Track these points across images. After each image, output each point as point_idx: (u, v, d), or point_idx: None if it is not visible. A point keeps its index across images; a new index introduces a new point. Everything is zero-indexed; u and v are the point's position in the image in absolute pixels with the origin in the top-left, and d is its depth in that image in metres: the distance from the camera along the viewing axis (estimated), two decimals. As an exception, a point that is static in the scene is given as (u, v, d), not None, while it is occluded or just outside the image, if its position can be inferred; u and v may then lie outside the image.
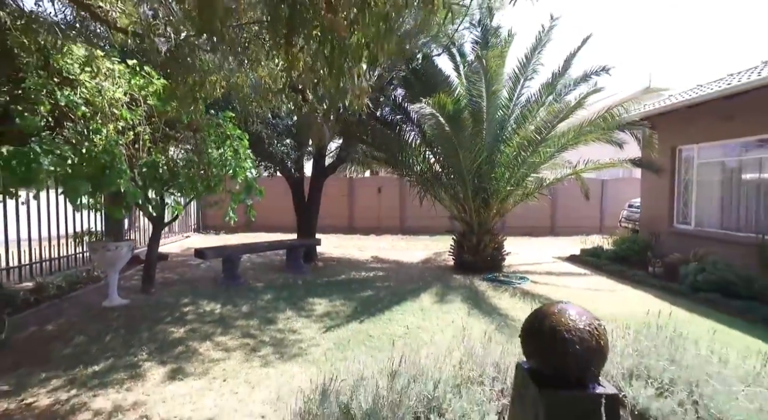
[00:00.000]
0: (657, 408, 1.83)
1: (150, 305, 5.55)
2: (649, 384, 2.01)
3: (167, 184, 4.22)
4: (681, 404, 1.86)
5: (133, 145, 3.85)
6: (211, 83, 3.45)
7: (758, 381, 1.92)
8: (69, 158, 2.94)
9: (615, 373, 2.14)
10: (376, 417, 1.89)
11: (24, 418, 2.89)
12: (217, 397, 3.25)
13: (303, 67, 2.05)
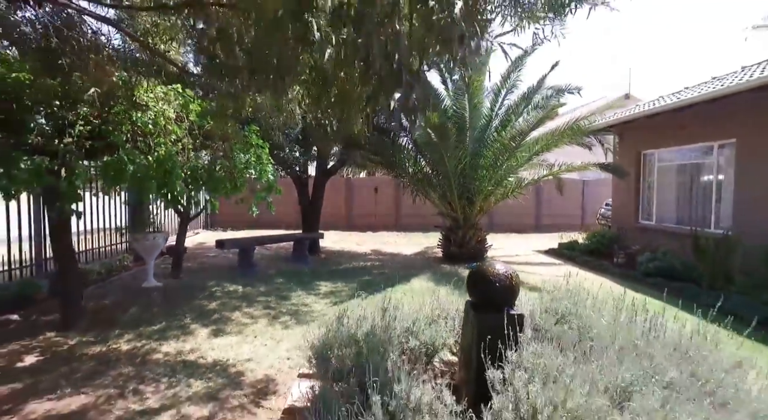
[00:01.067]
0: (555, 329, 2.85)
1: (182, 286, 6.57)
2: (552, 316, 3.04)
3: (204, 184, 5.22)
4: (570, 327, 2.89)
5: (179, 154, 4.85)
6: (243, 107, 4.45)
7: (620, 313, 2.94)
8: (144, 165, 3.94)
9: (537, 309, 3.18)
10: (373, 336, 2.91)
11: (115, 357, 3.91)
12: (251, 347, 4.27)
13: (323, 109, 3.02)
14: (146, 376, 3.56)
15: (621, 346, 2.38)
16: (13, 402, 3.10)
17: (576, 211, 15.90)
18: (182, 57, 5.31)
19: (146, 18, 4.00)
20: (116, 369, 3.67)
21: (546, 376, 2.07)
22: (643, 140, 9.96)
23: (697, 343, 2.42)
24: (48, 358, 3.90)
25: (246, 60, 2.44)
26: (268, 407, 3.15)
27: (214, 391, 3.35)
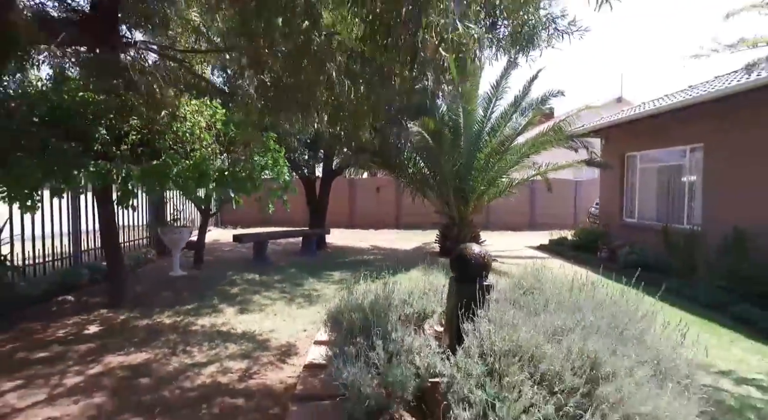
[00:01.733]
0: (522, 299, 3.61)
1: (205, 275, 7.35)
2: (519, 289, 3.80)
3: (229, 184, 5.97)
4: (533, 297, 3.65)
5: (210, 158, 5.61)
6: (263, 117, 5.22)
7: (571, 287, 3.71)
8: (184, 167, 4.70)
9: (508, 284, 3.95)
10: (376, 305, 3.65)
11: (161, 328, 4.69)
12: (273, 322, 5.04)
13: (338, 126, 3.76)
14: (190, 341, 4.34)
15: (560, 305, 3.14)
16: (93, 356, 3.88)
17: (569, 210, 16.63)
18: (211, 75, 6.09)
19: (186, 45, 4.79)
20: (164, 336, 4.45)
21: (503, 323, 2.84)
22: (626, 143, 10.70)
23: (619, 303, 3.18)
24: (107, 328, 4.68)
25: (286, 98, 3.17)
26: (291, 364, 3.92)
27: (246, 352, 4.13)
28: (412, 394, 2.85)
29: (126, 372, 3.62)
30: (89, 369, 3.66)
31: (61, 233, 7.09)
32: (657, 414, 2.34)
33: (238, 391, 3.37)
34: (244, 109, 4.08)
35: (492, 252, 10.39)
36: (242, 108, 4.20)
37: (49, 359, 3.83)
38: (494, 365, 2.57)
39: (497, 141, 8.67)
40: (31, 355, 3.92)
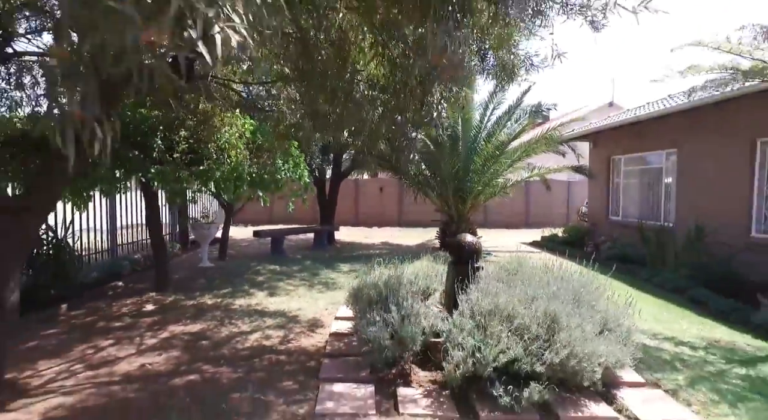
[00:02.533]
0: (504, 277, 4.50)
1: (230, 266, 8.25)
2: (504, 271, 4.69)
3: (257, 185, 6.85)
4: (513, 276, 4.54)
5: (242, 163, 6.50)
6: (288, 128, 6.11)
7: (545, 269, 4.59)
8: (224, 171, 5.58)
9: (495, 268, 4.84)
10: (389, 283, 4.52)
11: (205, 307, 5.58)
12: (298, 302, 5.93)
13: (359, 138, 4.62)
14: (232, 316, 5.23)
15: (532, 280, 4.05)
16: (158, 326, 4.78)
17: (562, 210, 17.52)
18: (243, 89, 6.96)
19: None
20: (210, 312, 5.35)
21: (488, 292, 3.73)
22: (612, 147, 11.60)
23: (581, 280, 4.08)
24: (160, 306, 5.58)
25: (325, 123, 4.04)
26: (319, 333, 4.81)
27: (281, 324, 5.02)
28: (419, 348, 3.73)
29: (188, 337, 4.51)
30: (159, 334, 4.55)
31: (101, 229, 7.99)
32: (595, 352, 3.25)
33: (279, 350, 4.27)
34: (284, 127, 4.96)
35: (488, 247, 11.30)
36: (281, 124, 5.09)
37: (125, 327, 4.73)
38: (480, 321, 3.48)
39: (492, 146, 9.55)
40: (109, 324, 4.82)
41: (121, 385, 3.43)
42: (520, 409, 3.07)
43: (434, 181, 10.63)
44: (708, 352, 4.28)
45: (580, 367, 3.22)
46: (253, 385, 3.46)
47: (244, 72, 5.31)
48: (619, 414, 3.16)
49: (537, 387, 3.08)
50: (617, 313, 3.88)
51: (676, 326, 5.10)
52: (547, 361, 3.18)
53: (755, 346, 4.50)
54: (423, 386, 3.54)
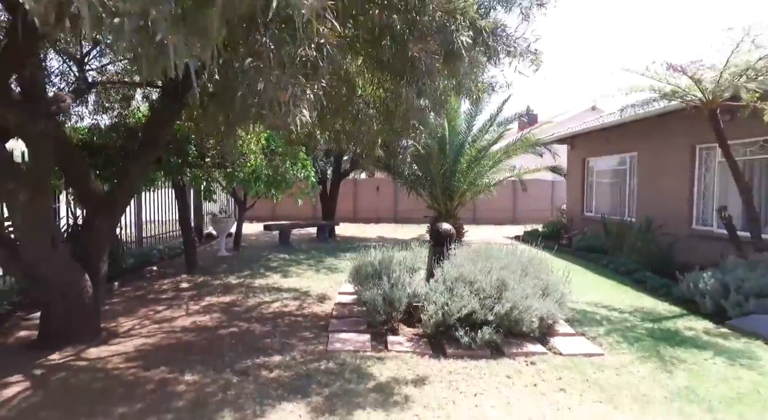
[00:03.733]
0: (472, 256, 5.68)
1: (245, 255, 9.42)
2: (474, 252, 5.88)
3: (270, 185, 8.00)
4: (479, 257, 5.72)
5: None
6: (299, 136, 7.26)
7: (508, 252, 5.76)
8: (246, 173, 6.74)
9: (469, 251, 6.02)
10: (382, 262, 5.68)
11: (230, 286, 6.75)
12: (308, 282, 7.10)
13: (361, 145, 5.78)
14: (255, 291, 6.41)
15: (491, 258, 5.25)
16: (196, 298, 5.96)
17: (546, 207, 18.73)
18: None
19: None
20: (236, 289, 6.52)
21: (456, 265, 4.92)
22: (586, 149, 12.82)
23: (528, 257, 5.28)
24: (193, 285, 6.75)
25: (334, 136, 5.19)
26: (326, 303, 5.98)
27: (295, 297, 6.20)
28: (405, 308, 4.91)
29: (223, 305, 5.69)
30: (199, 303, 5.73)
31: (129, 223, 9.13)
32: (532, 307, 4.44)
33: (297, 314, 5.44)
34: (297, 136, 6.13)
35: (474, 240, 12.42)
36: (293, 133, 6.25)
37: (171, 298, 5.90)
38: (449, 285, 4.67)
39: (475, 150, 10.74)
40: (158, 296, 6.00)
41: (181, 333, 4.60)
42: (476, 347, 4.25)
43: (425, 181, 11.81)
44: (630, 315, 5.49)
45: (521, 318, 4.41)
46: (279, 334, 4.64)
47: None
48: (548, 351, 4.35)
49: (488, 330, 4.28)
50: (556, 281, 5.09)
51: (615, 298, 6.31)
52: (496, 312, 4.38)
53: (668, 310, 5.71)
54: (407, 336, 4.73)
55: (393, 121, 4.51)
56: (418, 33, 2.58)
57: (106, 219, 4.35)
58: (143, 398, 3.23)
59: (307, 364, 3.88)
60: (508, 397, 3.40)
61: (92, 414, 3.00)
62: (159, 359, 3.90)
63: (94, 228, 4.31)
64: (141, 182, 5.21)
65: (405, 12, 2.57)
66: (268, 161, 7.99)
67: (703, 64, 5.55)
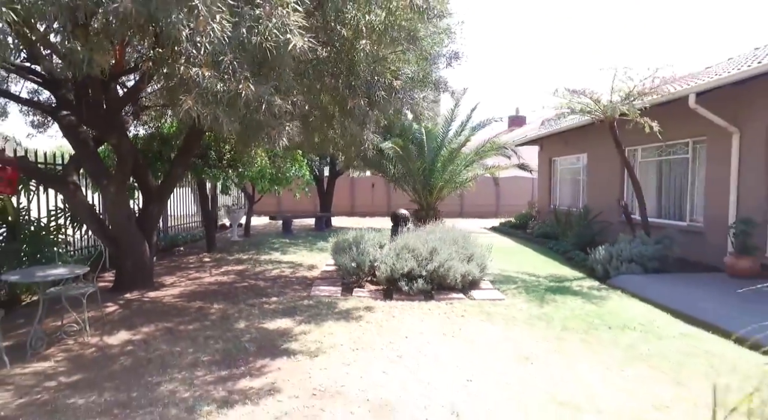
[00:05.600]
0: (423, 235, 7.50)
1: (253, 240, 11.35)
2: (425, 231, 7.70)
3: (272, 181, 9.89)
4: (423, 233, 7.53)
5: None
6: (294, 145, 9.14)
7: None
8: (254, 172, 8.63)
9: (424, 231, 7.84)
10: (355, 239, 7.49)
11: (242, 260, 8.67)
12: (301, 258, 8.98)
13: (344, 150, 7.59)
14: (260, 263, 8.31)
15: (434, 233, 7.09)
16: (216, 267, 7.89)
17: (525, 202, 20.42)
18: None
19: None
20: (246, 262, 8.43)
21: (404, 239, 6.78)
22: (552, 150, 14.55)
23: (464, 235, 7.11)
24: (213, 259, 8.68)
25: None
26: (314, 271, 7.86)
27: (291, 267, 8.09)
28: (368, 270, 6.76)
29: (236, 271, 7.61)
30: (219, 269, 7.66)
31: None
32: (455, 267, 6.28)
33: (291, 277, 7.33)
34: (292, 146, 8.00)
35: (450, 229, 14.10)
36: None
37: (197, 267, 7.83)
38: (397, 252, 6.52)
39: (448, 151, 12.56)
40: (188, 266, 7.94)
41: (208, 285, 6.52)
42: (413, 294, 6.10)
43: (408, 178, 13.65)
44: (543, 278, 7.30)
45: (446, 274, 6.24)
46: (276, 287, 6.54)
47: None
48: (465, 297, 6.17)
49: (422, 282, 6.12)
50: (481, 253, 6.91)
51: (540, 268, 8.11)
52: (428, 269, 6.22)
53: (574, 275, 7.51)
54: (369, 289, 6.59)
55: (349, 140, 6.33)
56: (352, 91, 4.38)
57: (156, 205, 6.27)
58: (189, 315, 5.14)
59: (295, 302, 5.77)
60: (423, 318, 5.24)
61: (162, 321, 4.92)
62: (196, 297, 5.83)
63: (148, 211, 6.23)
64: (180, 179, 7.13)
65: (346, 76, 4.39)
66: (271, 162, 9.91)
67: (593, 90, 7.33)
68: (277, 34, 3.05)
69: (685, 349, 4.21)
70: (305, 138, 6.45)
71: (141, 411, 3.05)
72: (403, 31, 4.46)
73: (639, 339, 4.50)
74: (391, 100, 4.64)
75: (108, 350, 4.14)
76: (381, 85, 4.54)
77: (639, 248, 7.01)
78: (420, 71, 5.91)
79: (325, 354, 4.11)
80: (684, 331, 4.75)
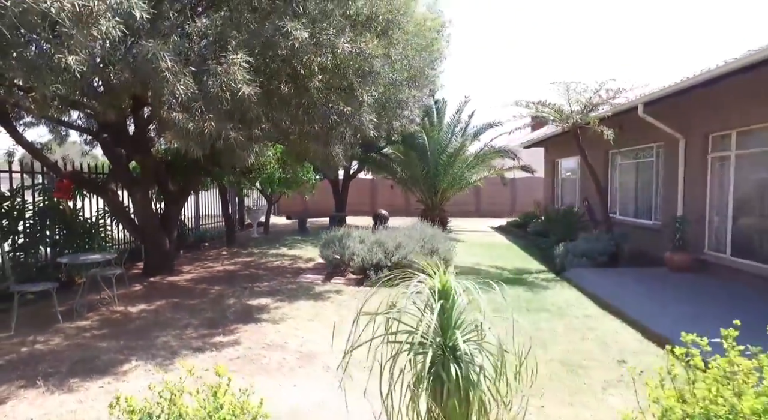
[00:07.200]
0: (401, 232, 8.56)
1: (270, 237, 12.87)
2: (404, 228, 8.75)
3: (283, 185, 11.30)
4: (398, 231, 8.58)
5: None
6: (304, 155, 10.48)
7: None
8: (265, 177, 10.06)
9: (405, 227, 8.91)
10: (342, 236, 8.69)
11: (253, 254, 10.14)
12: (304, 253, 10.30)
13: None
14: (266, 256, 9.72)
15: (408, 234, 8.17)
16: (230, 258, 9.39)
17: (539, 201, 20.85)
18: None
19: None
20: (255, 255, 9.87)
21: (378, 235, 7.91)
22: (556, 152, 15.07)
23: (431, 232, 8.14)
24: (230, 253, 10.20)
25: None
26: (310, 263, 9.15)
27: (291, 259, 9.44)
28: (347, 260, 7.94)
29: (244, 262, 9.04)
30: (231, 260, 9.14)
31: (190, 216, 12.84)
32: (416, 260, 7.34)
33: (287, 268, 8.66)
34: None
35: (460, 229, 15.26)
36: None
37: (213, 259, 9.36)
38: (370, 247, 7.67)
39: (447, 155, 13.49)
40: (206, 258, 9.49)
41: (216, 273, 7.98)
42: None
43: (414, 181, 14.70)
44: (507, 271, 8.17)
45: (408, 265, 7.30)
46: (272, 275, 7.88)
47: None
48: (426, 285, 7.22)
49: (387, 271, 7.23)
50: (446, 248, 7.90)
51: (511, 262, 8.96)
52: (392, 260, 7.32)
53: (538, 269, 8.32)
54: (347, 277, 7.77)
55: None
56: (309, 117, 5.57)
57: (174, 207, 7.78)
58: (194, 293, 6.57)
59: (281, 286, 7.07)
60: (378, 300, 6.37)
61: (172, 297, 6.36)
62: (204, 281, 7.27)
63: (168, 212, 7.76)
64: (196, 185, 8.66)
65: (305, 106, 5.59)
66: (282, 168, 11.32)
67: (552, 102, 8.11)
68: (232, 85, 4.32)
69: (573, 325, 5.09)
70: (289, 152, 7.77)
71: (142, 352, 4.41)
72: (351, 69, 5.62)
73: (545, 318, 5.40)
74: (343, 123, 5.79)
75: (128, 315, 5.60)
76: (334, 111, 5.71)
77: (591, 244, 7.74)
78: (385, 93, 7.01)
79: (285, 322, 5.35)
80: (590, 313, 5.58)
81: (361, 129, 6.35)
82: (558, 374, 3.85)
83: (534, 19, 78.68)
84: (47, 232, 7.03)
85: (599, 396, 3.48)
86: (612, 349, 4.41)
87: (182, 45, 4.39)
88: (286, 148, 8.48)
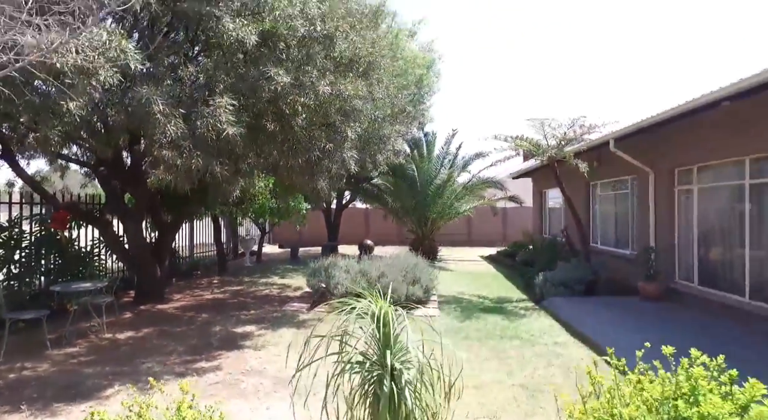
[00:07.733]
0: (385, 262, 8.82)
1: (264, 266, 13.08)
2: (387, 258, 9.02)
3: (276, 214, 11.62)
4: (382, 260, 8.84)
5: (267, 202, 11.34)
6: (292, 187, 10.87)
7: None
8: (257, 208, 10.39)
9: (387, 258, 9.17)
10: (329, 266, 8.95)
11: (244, 283, 10.36)
12: (293, 281, 10.51)
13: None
14: (255, 285, 9.93)
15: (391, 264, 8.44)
16: (219, 287, 9.60)
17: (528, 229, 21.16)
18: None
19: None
20: (245, 283, 10.08)
21: (362, 265, 8.17)
22: (542, 183, 15.52)
23: (414, 262, 8.41)
24: (220, 281, 10.41)
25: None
26: (298, 291, 9.36)
27: (280, 288, 9.65)
28: (332, 289, 8.17)
29: (233, 290, 9.25)
30: (221, 289, 9.35)
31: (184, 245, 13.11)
32: (400, 289, 7.61)
33: (275, 296, 8.87)
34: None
35: (450, 258, 15.49)
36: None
37: (204, 287, 9.57)
38: (354, 277, 7.92)
39: (434, 186, 13.91)
40: (197, 286, 9.69)
41: (205, 301, 8.18)
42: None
43: (403, 211, 15.07)
44: (488, 300, 8.38)
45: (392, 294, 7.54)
46: (258, 303, 8.08)
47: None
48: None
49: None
50: (429, 278, 8.15)
51: (494, 291, 9.18)
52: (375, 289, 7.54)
53: (519, 298, 8.53)
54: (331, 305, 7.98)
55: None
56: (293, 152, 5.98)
57: (167, 237, 8.08)
58: (181, 321, 6.77)
59: (266, 314, 7.28)
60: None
61: (160, 325, 6.56)
62: (192, 309, 7.48)
63: (160, 242, 8.05)
64: (188, 216, 8.99)
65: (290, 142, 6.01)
66: (273, 199, 11.69)
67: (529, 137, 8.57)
68: (218, 125, 4.71)
69: (541, 351, 5.30)
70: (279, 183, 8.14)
71: (126, 377, 4.61)
72: (333, 108, 6.06)
73: (517, 345, 5.61)
74: (326, 158, 6.19)
75: (116, 342, 5.79)
76: (317, 147, 6.11)
77: (569, 273, 8.00)
78: (368, 129, 7.45)
79: (266, 349, 5.55)
80: (561, 340, 5.80)
81: (344, 164, 6.75)
82: (517, 398, 4.06)
83: (525, 51, 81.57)
84: (42, 261, 7.29)
85: (552, 418, 3.68)
86: (574, 374, 4.61)
87: (174, 89, 4.83)
88: (276, 180, 8.87)
